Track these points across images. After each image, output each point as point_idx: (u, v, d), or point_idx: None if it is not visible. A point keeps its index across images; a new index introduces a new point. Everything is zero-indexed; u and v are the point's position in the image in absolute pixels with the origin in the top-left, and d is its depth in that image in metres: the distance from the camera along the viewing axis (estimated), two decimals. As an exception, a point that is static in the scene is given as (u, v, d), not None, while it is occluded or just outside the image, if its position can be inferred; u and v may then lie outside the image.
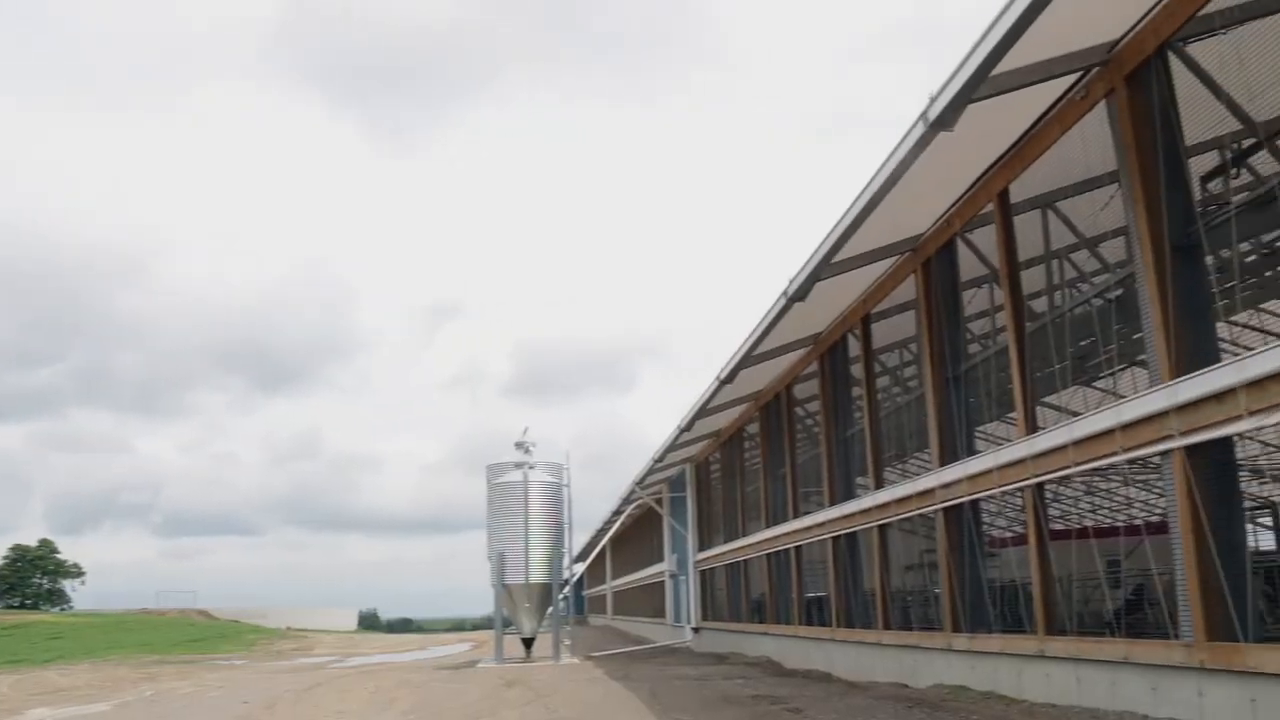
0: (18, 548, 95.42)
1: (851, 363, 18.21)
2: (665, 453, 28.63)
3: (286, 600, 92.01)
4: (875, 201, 11.22)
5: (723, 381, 19.77)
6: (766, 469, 23.40)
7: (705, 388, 21.21)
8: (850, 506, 17.07)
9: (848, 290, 15.86)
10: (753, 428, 25.20)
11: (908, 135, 10.00)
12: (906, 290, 15.03)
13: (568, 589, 29.87)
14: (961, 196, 12.66)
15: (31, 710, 18.58)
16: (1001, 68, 8.63)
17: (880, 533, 15.89)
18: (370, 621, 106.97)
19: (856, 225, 11.85)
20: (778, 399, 22.24)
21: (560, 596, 27.01)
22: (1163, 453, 8.78)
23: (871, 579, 16.39)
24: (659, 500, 36.87)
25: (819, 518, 18.83)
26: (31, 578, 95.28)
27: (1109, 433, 9.42)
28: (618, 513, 41.99)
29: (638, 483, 33.97)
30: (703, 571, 31.83)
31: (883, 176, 10.79)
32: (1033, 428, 11.20)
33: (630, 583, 49.66)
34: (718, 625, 29.23)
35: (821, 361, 19.05)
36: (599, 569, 62.49)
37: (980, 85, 8.75)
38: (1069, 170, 11.37)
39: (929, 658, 13.86)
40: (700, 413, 22.89)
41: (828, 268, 13.36)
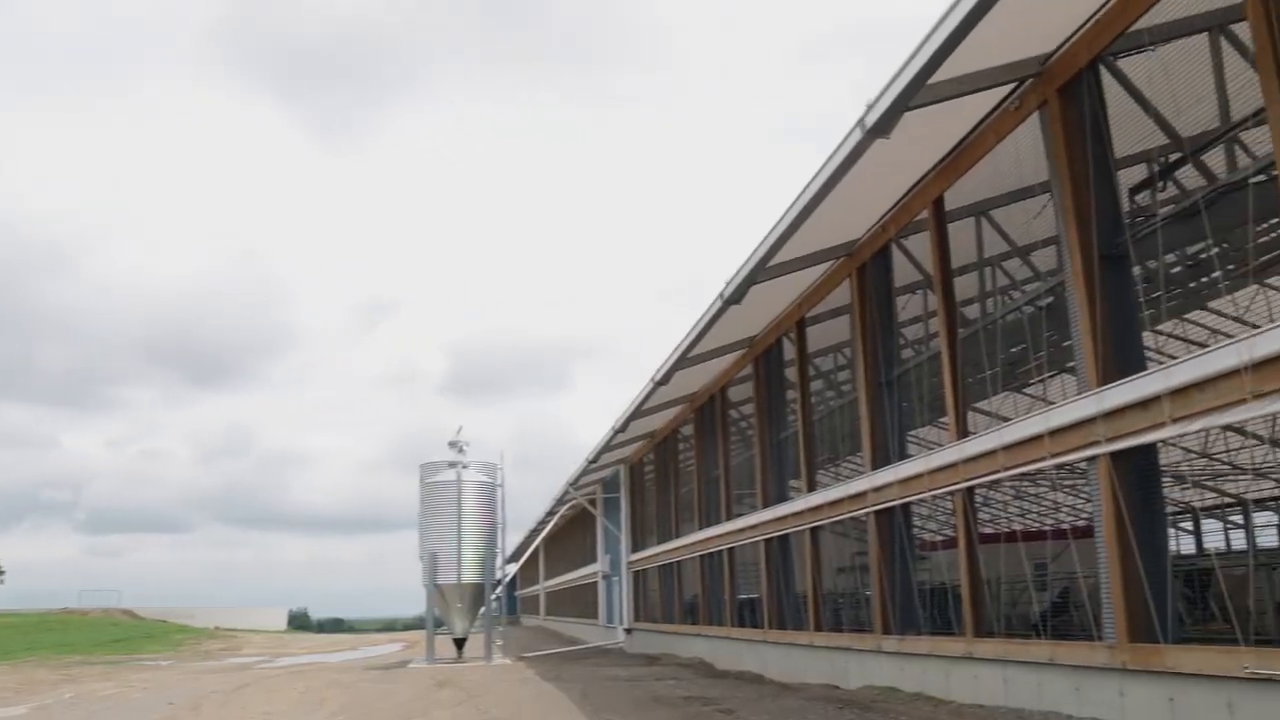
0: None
1: (786, 366, 18.32)
2: (600, 453, 28.58)
3: (215, 599, 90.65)
4: (811, 206, 11.28)
5: (658, 383, 19.78)
6: (700, 471, 23.46)
7: (640, 389, 21.23)
8: (783, 509, 17.16)
9: (783, 294, 15.93)
10: (687, 429, 25.24)
11: (844, 141, 10.07)
12: (841, 295, 15.14)
13: (500, 589, 29.65)
14: (897, 203, 12.79)
15: (-61, 715, 17.92)
16: (939, 76, 8.73)
17: (813, 535, 15.99)
18: (300, 621, 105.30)
19: (793, 229, 11.91)
20: (712, 401, 22.31)
21: (493, 597, 26.81)
22: (1089, 458, 8.97)
23: (804, 581, 16.49)
24: (593, 501, 36.78)
25: (752, 520, 18.91)
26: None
27: (1038, 438, 9.60)
28: (551, 513, 41.83)
29: (572, 483, 33.85)
30: (636, 572, 31.82)
31: (819, 181, 10.85)
32: (964, 433, 11.37)
33: (563, 583, 49.50)
34: (650, 626, 29.23)
35: (756, 364, 19.14)
36: (532, 569, 62.15)
37: (918, 93, 8.84)
38: (1002, 179, 11.55)
39: (860, 659, 13.99)
40: (635, 414, 22.90)
41: (764, 271, 13.42)
